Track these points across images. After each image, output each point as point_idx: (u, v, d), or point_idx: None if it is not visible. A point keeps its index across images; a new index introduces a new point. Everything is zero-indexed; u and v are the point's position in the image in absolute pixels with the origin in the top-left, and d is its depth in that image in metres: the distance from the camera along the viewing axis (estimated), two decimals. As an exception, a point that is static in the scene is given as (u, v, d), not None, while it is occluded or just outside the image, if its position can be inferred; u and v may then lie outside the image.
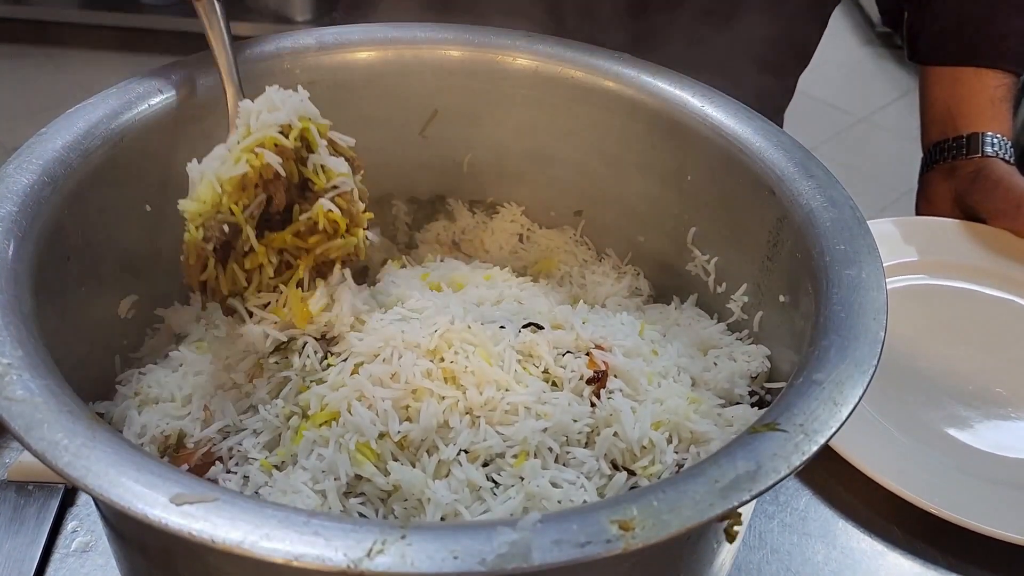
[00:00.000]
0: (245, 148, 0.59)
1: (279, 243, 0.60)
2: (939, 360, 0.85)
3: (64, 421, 0.44)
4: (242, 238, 0.59)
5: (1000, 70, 1.04)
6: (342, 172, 0.61)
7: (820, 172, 0.66)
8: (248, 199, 0.58)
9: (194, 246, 0.59)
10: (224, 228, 0.58)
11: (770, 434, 0.47)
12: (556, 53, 0.77)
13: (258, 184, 0.58)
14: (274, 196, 0.59)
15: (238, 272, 0.60)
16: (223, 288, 0.60)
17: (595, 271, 0.81)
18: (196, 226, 0.58)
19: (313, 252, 0.61)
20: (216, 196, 0.58)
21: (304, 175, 0.60)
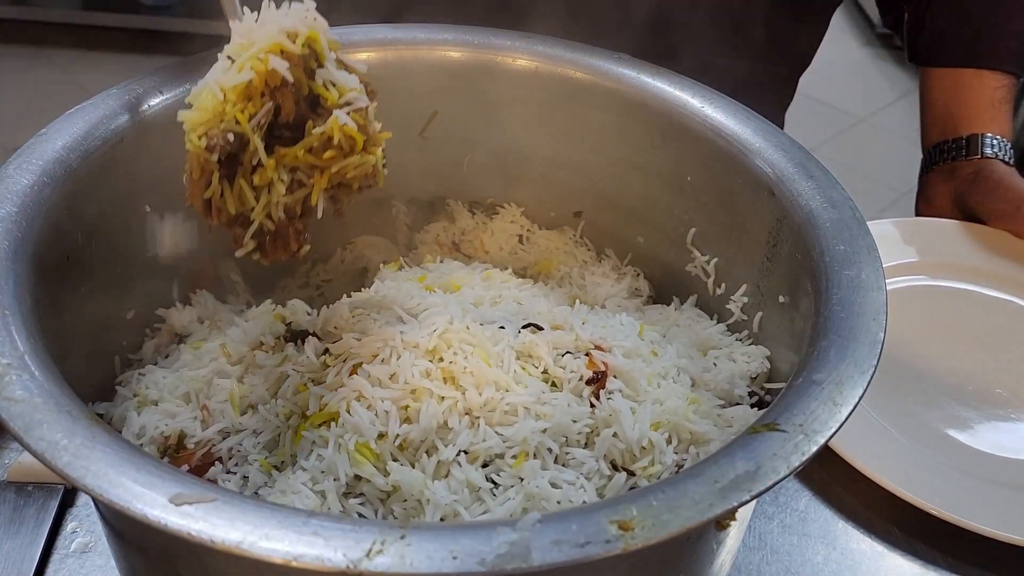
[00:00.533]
0: (249, 55, 0.53)
1: (290, 159, 0.54)
2: (939, 361, 0.85)
3: (63, 421, 0.44)
4: (249, 151, 0.54)
5: (1000, 72, 1.03)
6: (354, 87, 0.56)
7: (820, 173, 0.66)
8: (254, 109, 0.53)
9: (197, 157, 0.54)
10: (229, 137, 0.53)
11: (770, 434, 0.47)
12: (556, 54, 0.78)
13: (264, 93, 0.53)
14: (282, 105, 0.54)
15: (246, 188, 0.54)
16: (229, 207, 0.55)
17: (595, 272, 0.81)
18: (198, 136, 0.53)
19: (328, 170, 0.55)
20: (218, 104, 0.53)
21: (314, 90, 0.55)
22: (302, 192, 0.55)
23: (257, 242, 0.56)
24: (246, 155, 0.54)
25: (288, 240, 0.57)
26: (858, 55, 3.60)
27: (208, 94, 0.53)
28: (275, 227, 0.56)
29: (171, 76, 0.68)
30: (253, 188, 0.54)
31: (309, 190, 0.55)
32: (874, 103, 3.33)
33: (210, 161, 0.53)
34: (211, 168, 0.53)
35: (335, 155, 0.55)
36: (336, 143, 0.54)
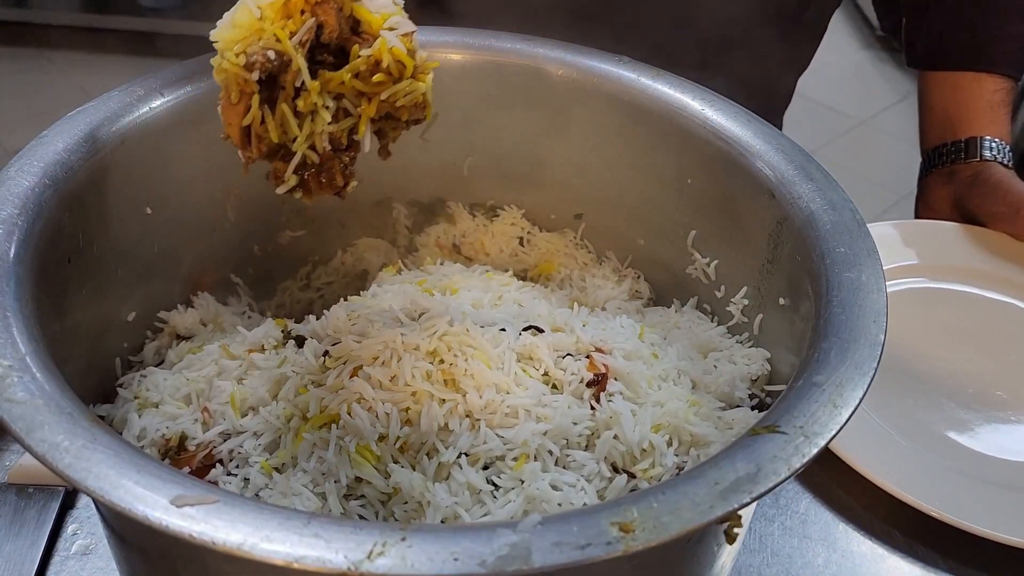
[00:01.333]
0: None
1: (335, 85, 0.50)
2: (939, 363, 0.85)
3: (65, 423, 0.44)
4: (291, 72, 0.49)
5: (998, 75, 1.04)
6: (395, 11, 0.52)
7: (820, 175, 0.66)
8: (295, 26, 0.49)
9: (235, 78, 0.49)
10: (269, 55, 0.49)
11: (770, 436, 0.47)
12: (556, 56, 0.78)
13: (304, 10, 0.50)
14: (325, 22, 0.50)
15: (288, 114, 0.50)
16: (272, 134, 0.51)
17: (595, 274, 0.81)
18: (236, 53, 0.49)
19: (376, 98, 0.51)
20: (255, 23, 0.49)
21: (355, 13, 0.51)
22: (348, 122, 0.51)
23: (299, 178, 0.52)
24: (288, 77, 0.49)
25: (334, 174, 0.53)
26: (857, 57, 3.61)
27: (244, 11, 0.49)
28: (319, 159, 0.52)
29: (172, 78, 0.68)
30: (296, 114, 0.50)
31: (355, 120, 0.52)
32: (874, 106, 3.34)
33: (249, 81, 0.49)
34: (251, 89, 0.49)
35: (384, 80, 0.51)
36: (385, 67, 0.51)
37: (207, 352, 0.66)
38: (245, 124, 0.51)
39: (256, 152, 0.52)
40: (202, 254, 0.75)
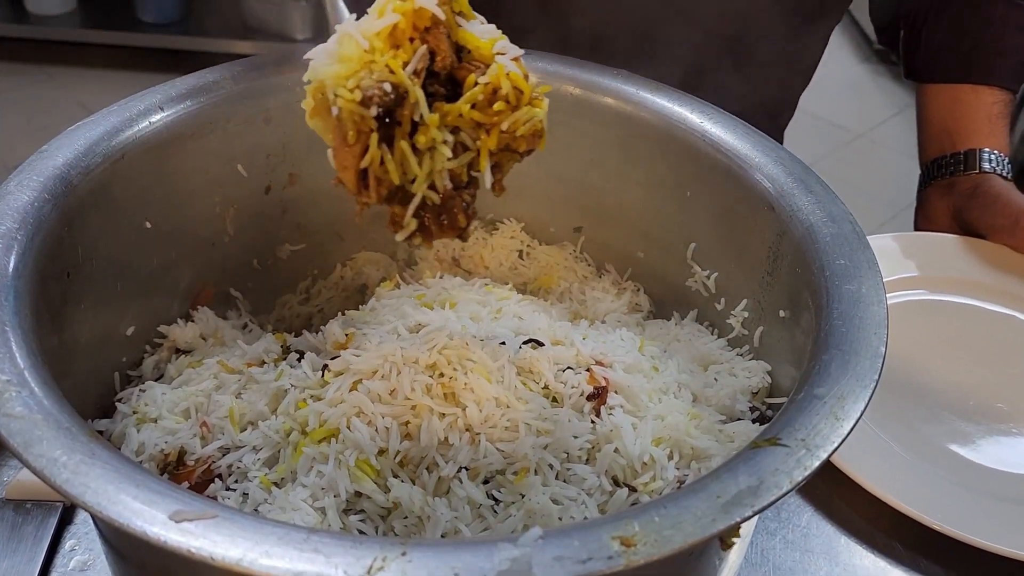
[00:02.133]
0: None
1: (453, 117, 0.47)
2: (940, 375, 0.85)
3: (63, 438, 0.44)
4: (408, 105, 0.46)
5: (996, 87, 1.04)
6: (500, 35, 0.49)
7: (819, 187, 0.66)
8: (406, 56, 0.46)
9: (351, 116, 0.46)
10: (386, 88, 0.45)
11: (772, 449, 0.47)
12: (555, 70, 0.78)
13: (413, 38, 0.47)
14: (437, 49, 0.47)
15: (408, 152, 0.47)
16: (392, 175, 0.47)
17: (595, 287, 0.81)
18: (349, 89, 0.45)
19: (496, 128, 0.48)
20: (363, 55, 0.46)
21: (460, 39, 0.48)
22: (467, 156, 0.48)
23: (418, 221, 0.49)
24: (405, 112, 0.46)
25: (455, 214, 0.49)
26: (856, 71, 3.62)
27: (350, 43, 0.46)
28: (440, 200, 0.48)
29: (172, 93, 0.69)
30: (414, 151, 0.47)
31: (473, 154, 0.48)
32: (872, 118, 3.35)
33: (367, 118, 0.46)
34: (368, 127, 0.46)
35: (503, 109, 0.48)
36: (504, 95, 0.47)
37: (206, 366, 0.65)
38: (363, 166, 0.47)
39: (375, 196, 0.48)
40: (201, 268, 0.75)
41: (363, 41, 0.46)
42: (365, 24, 0.47)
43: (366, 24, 0.47)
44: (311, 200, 0.79)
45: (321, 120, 0.48)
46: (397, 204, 0.49)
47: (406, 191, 0.48)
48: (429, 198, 0.48)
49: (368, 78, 0.46)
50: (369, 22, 0.47)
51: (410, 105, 0.46)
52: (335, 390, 0.58)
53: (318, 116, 0.48)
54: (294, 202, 0.79)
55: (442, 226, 0.50)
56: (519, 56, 0.49)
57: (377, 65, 0.46)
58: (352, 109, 0.46)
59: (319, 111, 0.48)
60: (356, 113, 0.46)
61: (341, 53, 0.46)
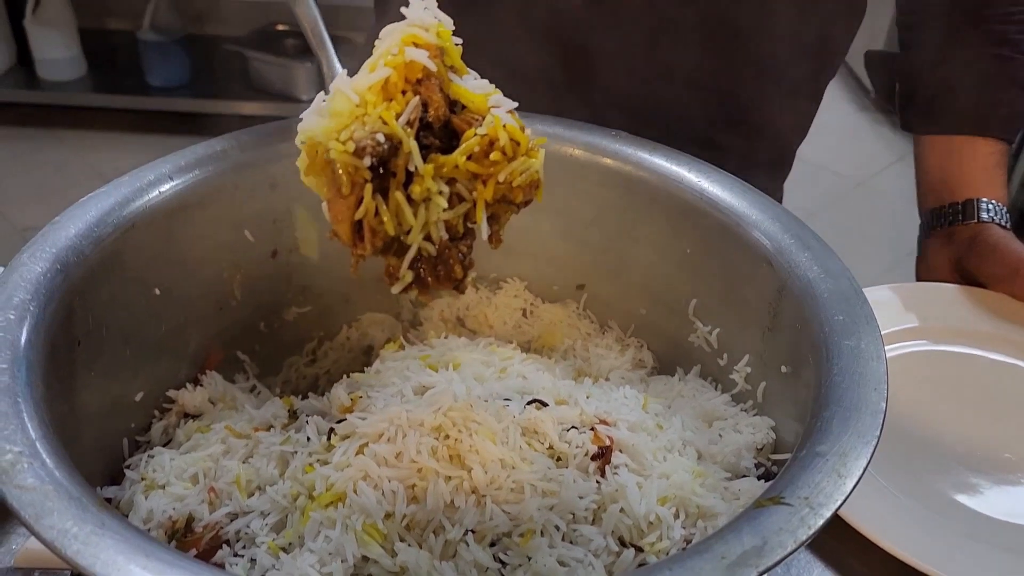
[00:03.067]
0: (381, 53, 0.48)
1: (449, 169, 0.48)
2: (945, 426, 0.85)
3: (73, 509, 0.45)
4: (402, 155, 0.46)
5: (992, 138, 1.05)
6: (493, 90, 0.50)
7: (816, 243, 0.67)
8: (399, 107, 0.47)
9: (345, 167, 0.46)
10: (379, 138, 0.46)
11: (775, 508, 0.47)
12: (555, 132, 0.79)
13: (406, 90, 0.47)
14: (430, 100, 0.47)
15: (403, 202, 0.47)
16: (387, 225, 0.47)
17: (598, 344, 0.81)
18: (342, 140, 0.46)
19: (493, 179, 0.48)
20: (354, 109, 0.46)
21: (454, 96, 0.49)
22: (463, 208, 0.49)
23: (415, 273, 0.49)
24: (399, 162, 0.46)
25: (451, 265, 0.50)
26: (854, 120, 3.66)
27: (341, 98, 0.46)
28: (436, 251, 0.49)
29: (181, 163, 0.70)
30: (409, 202, 0.47)
31: (470, 205, 0.49)
32: (872, 166, 3.37)
33: (360, 168, 0.46)
34: (362, 178, 0.46)
35: (500, 160, 0.48)
36: (501, 147, 0.48)
37: (214, 431, 0.66)
38: (358, 217, 0.47)
39: (370, 248, 0.48)
40: (209, 333, 0.76)
41: (353, 96, 0.46)
42: (357, 79, 0.47)
43: (358, 79, 0.47)
44: (317, 263, 0.80)
45: (316, 177, 0.49)
46: (393, 256, 0.49)
47: (402, 243, 0.48)
48: (425, 249, 0.48)
49: (361, 129, 0.46)
50: (361, 77, 0.47)
51: (404, 155, 0.46)
52: (341, 454, 0.58)
53: (312, 173, 0.49)
54: (300, 265, 0.80)
55: (438, 278, 0.50)
56: (513, 108, 0.49)
57: (370, 117, 0.46)
58: (346, 160, 0.46)
59: (314, 168, 0.49)
60: (350, 164, 0.46)
61: (333, 108, 0.47)
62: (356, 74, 0.49)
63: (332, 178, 0.47)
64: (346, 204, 0.47)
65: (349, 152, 0.46)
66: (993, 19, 1.02)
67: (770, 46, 0.98)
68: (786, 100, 1.05)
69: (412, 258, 0.49)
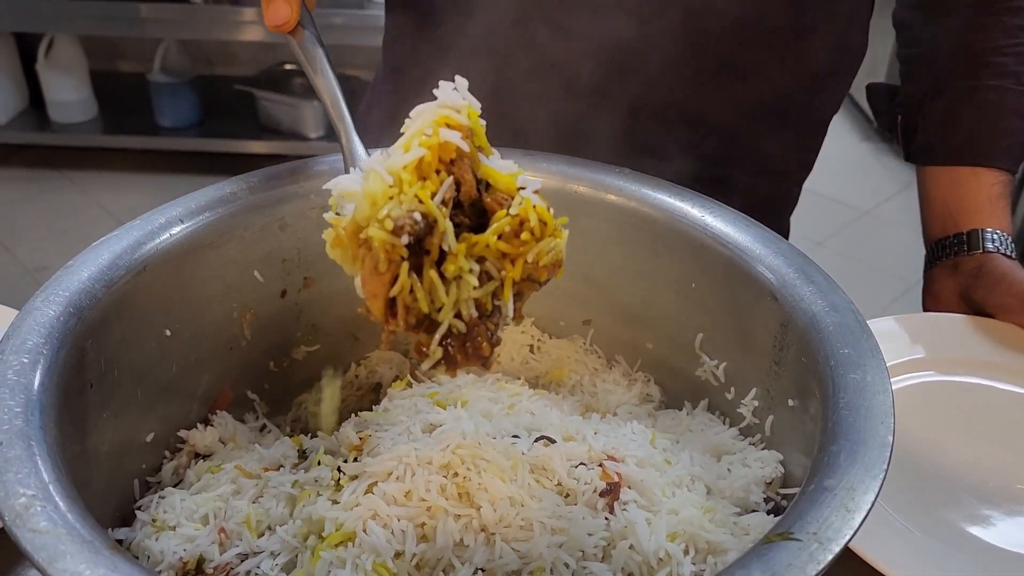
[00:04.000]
0: (415, 132, 0.49)
1: (480, 248, 0.49)
2: (955, 457, 0.85)
3: (86, 552, 0.45)
4: (437, 234, 0.47)
5: (995, 168, 1.06)
6: (518, 171, 0.51)
7: (820, 277, 0.67)
8: (434, 187, 0.48)
9: (383, 245, 0.47)
10: (416, 217, 0.46)
11: (784, 544, 0.47)
12: (559, 169, 0.80)
13: (439, 170, 0.48)
14: (462, 179, 0.48)
15: (436, 280, 0.48)
16: (421, 303, 0.48)
17: (606, 379, 0.82)
18: (382, 218, 0.47)
19: (521, 259, 0.50)
20: (387, 190, 0.47)
21: (483, 176, 0.50)
22: (491, 286, 0.49)
23: (443, 349, 0.50)
24: (433, 241, 0.47)
25: (480, 343, 0.50)
26: (858, 150, 3.68)
27: (376, 179, 0.48)
28: (466, 328, 0.49)
29: (191, 206, 0.71)
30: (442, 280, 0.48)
31: (498, 283, 0.50)
32: (877, 196, 3.39)
33: (398, 247, 0.47)
34: (399, 256, 0.47)
35: (528, 240, 0.50)
36: (532, 227, 0.49)
37: (224, 471, 0.66)
38: (393, 295, 0.48)
39: (403, 324, 0.48)
40: (220, 372, 0.76)
41: (387, 177, 0.47)
42: (391, 160, 0.48)
43: (393, 160, 0.48)
44: (326, 302, 0.81)
45: (342, 250, 0.50)
46: (423, 333, 0.49)
47: (431, 319, 0.49)
48: (455, 327, 0.49)
49: (398, 208, 0.47)
50: (396, 157, 0.48)
51: (439, 234, 0.47)
52: (350, 493, 0.59)
53: (340, 247, 0.50)
54: (309, 304, 0.81)
55: (467, 355, 0.50)
56: (538, 188, 0.51)
57: (406, 196, 0.47)
58: (384, 239, 0.47)
59: (341, 242, 0.50)
60: (388, 242, 0.47)
61: (368, 189, 0.48)
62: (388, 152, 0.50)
63: (368, 255, 0.48)
64: (381, 281, 0.48)
65: (388, 230, 0.47)
66: (992, 52, 1.03)
67: (773, 86, 0.99)
68: (790, 138, 1.06)
69: (442, 335, 0.49)
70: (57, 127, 3.25)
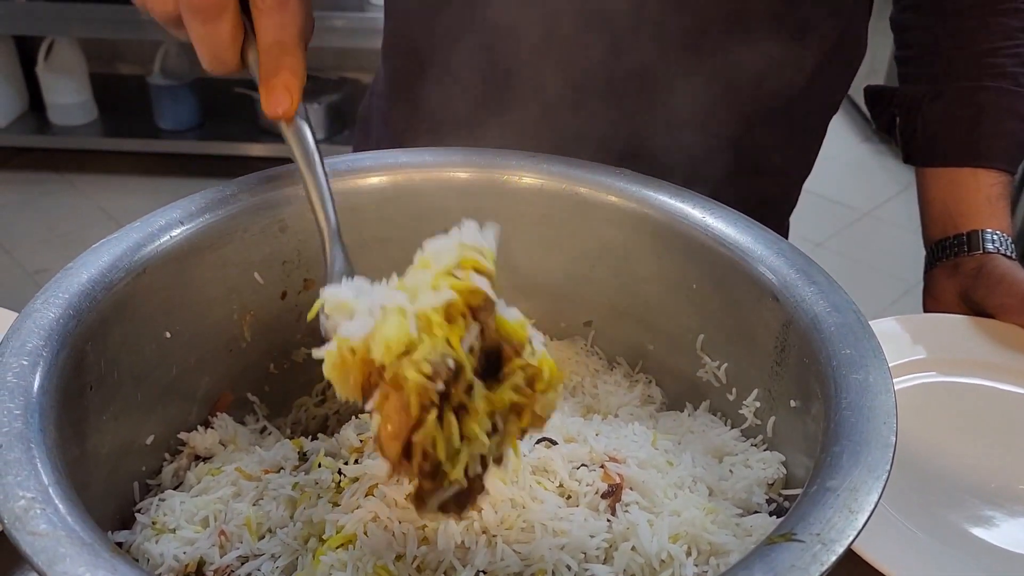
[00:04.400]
0: (443, 270, 0.48)
1: (499, 401, 0.48)
2: (957, 458, 0.84)
3: (86, 555, 0.45)
4: (461, 382, 0.46)
5: (994, 169, 1.06)
6: (523, 320, 0.51)
7: (822, 278, 0.67)
8: (461, 332, 0.47)
9: (420, 389, 0.45)
10: (449, 364, 0.45)
11: (787, 544, 0.47)
12: (560, 171, 0.80)
13: (465, 315, 0.47)
14: (486, 326, 0.48)
15: (453, 428, 0.46)
16: (439, 452, 0.46)
17: (607, 380, 0.81)
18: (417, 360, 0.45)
19: (530, 408, 0.49)
20: (407, 334, 0.46)
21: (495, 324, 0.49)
22: (496, 439, 0.48)
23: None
24: (458, 387, 0.46)
25: (475, 497, 0.50)
26: (858, 151, 3.69)
27: (396, 321, 0.46)
28: (468, 483, 0.48)
29: (191, 208, 0.71)
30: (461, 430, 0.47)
31: (501, 435, 0.49)
32: (877, 197, 3.39)
33: (431, 392, 0.45)
34: (429, 400, 0.45)
35: (540, 392, 0.49)
36: (546, 379, 0.49)
37: (225, 473, 0.66)
38: (417, 440, 0.46)
39: (415, 470, 0.47)
40: (220, 374, 0.76)
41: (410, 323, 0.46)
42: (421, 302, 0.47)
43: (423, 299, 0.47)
44: (325, 304, 0.81)
45: (340, 373, 0.49)
46: (427, 479, 0.48)
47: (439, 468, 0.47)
48: (459, 482, 0.48)
49: (433, 352, 0.45)
50: (425, 297, 0.47)
51: (464, 382, 0.46)
52: (351, 496, 0.58)
53: (341, 370, 0.49)
54: (309, 306, 0.79)
55: (461, 507, 0.49)
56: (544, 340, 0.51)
57: (437, 339, 0.45)
58: (421, 382, 0.45)
59: (344, 366, 0.49)
60: (423, 387, 0.45)
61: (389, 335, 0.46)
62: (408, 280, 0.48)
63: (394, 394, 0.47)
64: (405, 424, 0.46)
65: (427, 374, 0.45)
66: (990, 53, 1.03)
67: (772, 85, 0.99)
68: (789, 137, 1.06)
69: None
70: (57, 130, 3.26)
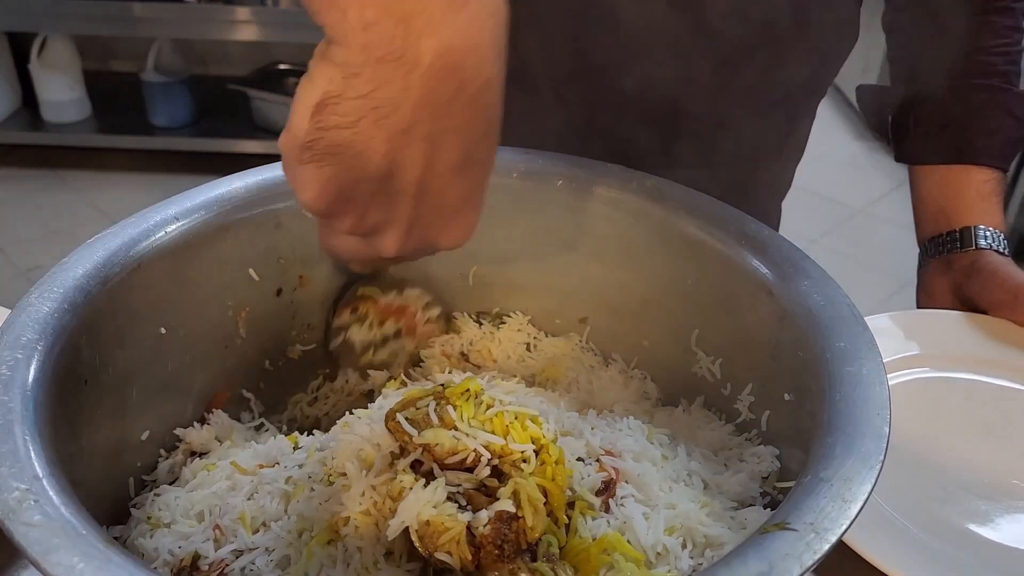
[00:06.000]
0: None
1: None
2: (951, 453, 0.85)
3: (80, 545, 0.45)
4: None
5: (986, 166, 1.06)
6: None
7: (816, 272, 0.67)
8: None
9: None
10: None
11: (781, 533, 0.47)
12: (553, 166, 0.80)
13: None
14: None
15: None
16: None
17: (602, 376, 0.82)
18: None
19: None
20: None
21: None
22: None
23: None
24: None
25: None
26: (851, 148, 3.69)
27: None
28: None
29: (186, 204, 0.71)
30: None
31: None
32: (871, 194, 3.40)
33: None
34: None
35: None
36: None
37: (220, 468, 0.66)
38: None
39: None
40: (215, 371, 0.76)
41: None
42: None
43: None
44: (320, 301, 0.81)
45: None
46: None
47: None
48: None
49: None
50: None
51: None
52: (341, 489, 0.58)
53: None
54: (304, 303, 0.81)
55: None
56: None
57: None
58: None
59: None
60: None
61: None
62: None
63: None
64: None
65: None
66: (981, 52, 1.04)
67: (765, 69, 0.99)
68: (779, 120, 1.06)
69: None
70: (50, 127, 3.25)
